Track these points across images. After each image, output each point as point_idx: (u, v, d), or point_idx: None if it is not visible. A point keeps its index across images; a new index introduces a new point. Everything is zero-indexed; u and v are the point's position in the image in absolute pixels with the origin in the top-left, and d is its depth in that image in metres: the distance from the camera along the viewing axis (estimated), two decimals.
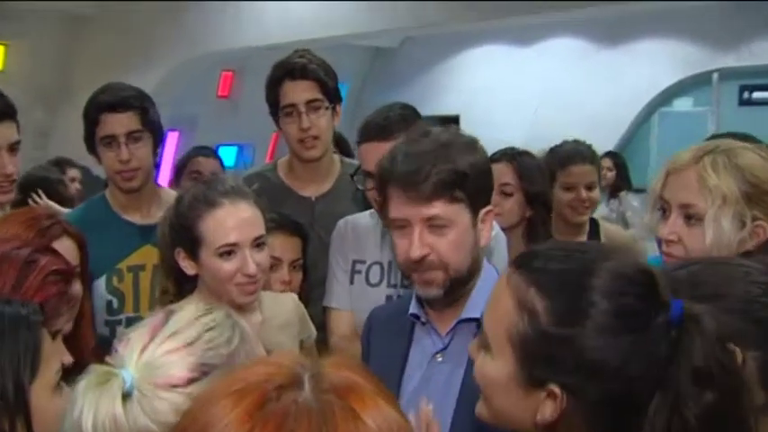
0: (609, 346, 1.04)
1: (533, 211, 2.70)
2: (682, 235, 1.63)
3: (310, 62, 2.57)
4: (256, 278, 1.91)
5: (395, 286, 2.28)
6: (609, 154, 5.67)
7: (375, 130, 2.21)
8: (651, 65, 7.40)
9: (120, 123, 2.41)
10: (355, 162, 2.75)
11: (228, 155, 7.15)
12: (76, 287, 1.84)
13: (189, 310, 1.25)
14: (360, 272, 2.35)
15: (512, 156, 2.75)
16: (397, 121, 2.19)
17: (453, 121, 1.98)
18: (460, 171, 1.56)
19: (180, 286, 2.00)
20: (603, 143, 4.80)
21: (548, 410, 1.09)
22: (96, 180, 4.12)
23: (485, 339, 1.17)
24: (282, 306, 2.12)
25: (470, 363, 1.52)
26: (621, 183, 5.58)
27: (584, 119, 6.54)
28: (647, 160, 7.34)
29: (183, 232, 1.91)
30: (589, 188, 2.90)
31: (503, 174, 2.67)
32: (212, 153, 3.74)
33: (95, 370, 1.15)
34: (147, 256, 2.40)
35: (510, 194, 2.69)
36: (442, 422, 1.54)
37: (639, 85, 7.50)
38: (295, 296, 2.22)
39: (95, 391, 1.12)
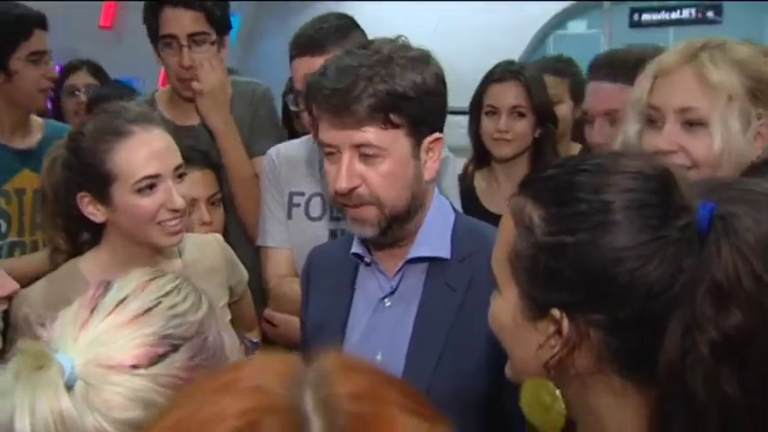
0: (610, 251, 0.87)
1: (542, 129, 2.51)
2: (683, 143, 1.43)
3: None
4: (182, 214, 1.67)
5: (338, 219, 2.06)
6: None
7: (307, 43, 1.97)
8: None
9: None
10: (241, 79, 2.60)
11: None
12: None
13: (135, 275, 0.99)
14: (298, 205, 2.13)
15: (517, 72, 2.53)
16: (331, 32, 1.97)
17: None
18: (400, 92, 1.36)
19: (74, 241, 1.75)
20: None
21: (556, 346, 0.92)
22: None
23: (494, 280, 1.01)
24: (206, 249, 1.88)
25: (422, 303, 1.44)
26: None
27: (480, 44, 6.51)
28: None
29: (87, 171, 1.63)
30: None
31: (512, 94, 2.49)
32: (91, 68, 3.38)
33: (25, 349, 0.86)
34: (27, 180, 2.36)
35: (523, 116, 2.50)
36: (392, 371, 1.42)
37: (534, 7, 7.51)
38: (219, 237, 1.98)
39: (29, 380, 0.83)
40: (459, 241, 1.47)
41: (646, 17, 7.60)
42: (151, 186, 1.62)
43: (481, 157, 2.60)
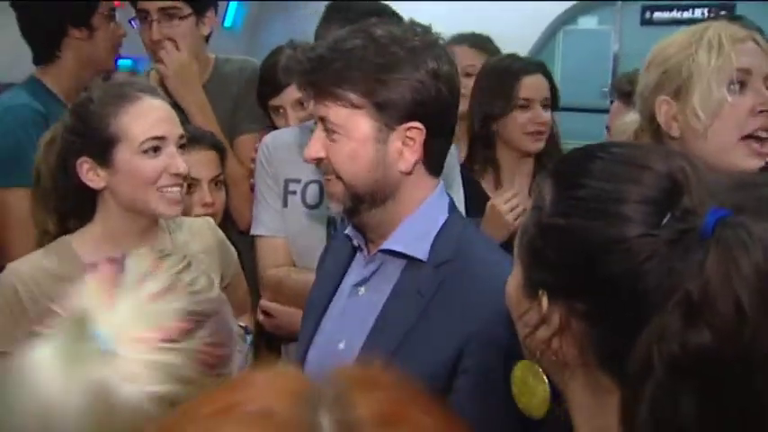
0: (599, 240, 0.85)
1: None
2: None
3: None
4: (182, 181, 1.69)
5: None
6: None
7: (337, 18, 1.94)
8: None
9: None
10: (235, 58, 2.60)
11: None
12: None
13: (143, 253, 0.99)
14: (294, 192, 2.10)
15: (540, 64, 2.60)
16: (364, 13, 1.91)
17: None
18: (362, 74, 1.34)
19: (63, 223, 1.75)
20: None
21: (544, 330, 0.90)
22: None
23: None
24: (197, 231, 1.88)
25: (388, 300, 1.42)
26: None
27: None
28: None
29: (92, 134, 1.65)
30: None
31: (543, 86, 2.52)
32: None
33: (62, 323, 0.86)
34: None
35: (548, 107, 2.52)
36: (349, 361, 1.39)
37: (544, 2, 7.45)
38: (211, 220, 1.98)
39: (69, 352, 0.82)
40: (440, 245, 1.42)
41: (657, 15, 7.55)
42: (155, 149, 1.65)
43: (487, 151, 2.55)
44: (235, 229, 2.35)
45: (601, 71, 7.53)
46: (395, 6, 2.08)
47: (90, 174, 1.67)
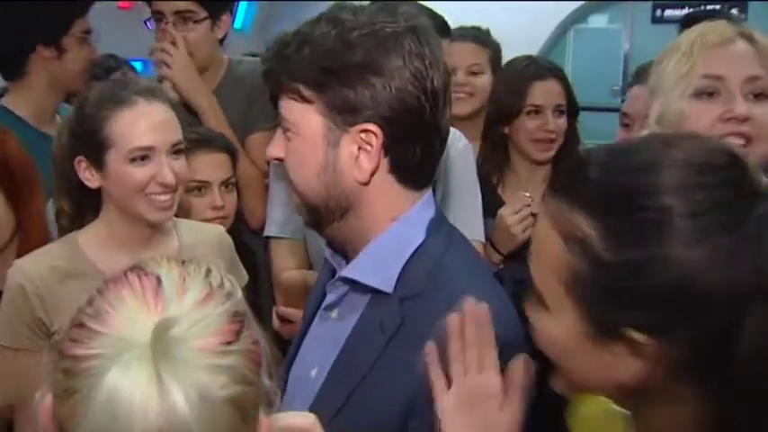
0: (691, 261, 0.77)
1: (569, 125, 2.49)
2: (751, 113, 1.44)
3: None
4: (172, 190, 1.68)
5: None
6: None
7: None
8: None
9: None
10: (247, 59, 2.60)
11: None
12: None
13: (163, 260, 0.96)
14: None
15: (554, 68, 2.53)
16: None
17: None
18: (322, 67, 1.17)
19: (78, 206, 1.78)
20: None
21: (631, 366, 0.82)
22: None
23: (537, 295, 0.89)
24: (204, 234, 1.88)
25: (352, 333, 1.26)
26: None
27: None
28: None
29: (86, 135, 1.67)
30: None
31: (556, 92, 2.47)
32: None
33: (115, 341, 0.83)
34: None
35: (563, 113, 2.47)
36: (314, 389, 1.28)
37: (555, 1, 7.43)
38: (221, 228, 1.97)
39: (157, 373, 0.81)
40: (409, 275, 1.22)
41: (668, 13, 7.51)
42: (143, 158, 1.65)
43: (499, 154, 2.52)
44: (248, 229, 2.35)
45: (611, 70, 7.50)
46: None
47: (86, 173, 1.70)
